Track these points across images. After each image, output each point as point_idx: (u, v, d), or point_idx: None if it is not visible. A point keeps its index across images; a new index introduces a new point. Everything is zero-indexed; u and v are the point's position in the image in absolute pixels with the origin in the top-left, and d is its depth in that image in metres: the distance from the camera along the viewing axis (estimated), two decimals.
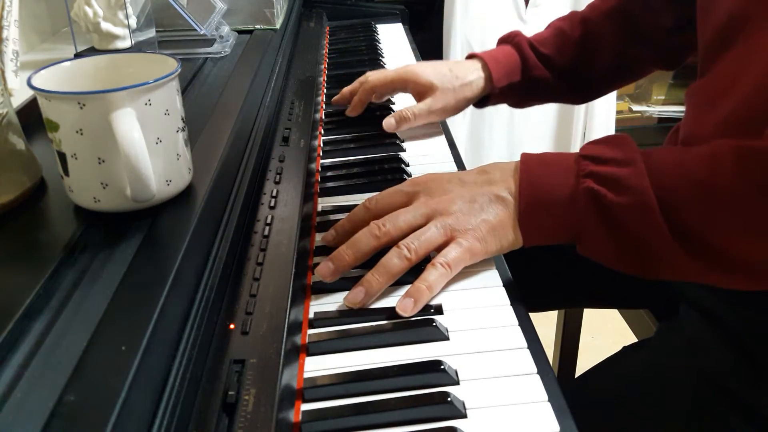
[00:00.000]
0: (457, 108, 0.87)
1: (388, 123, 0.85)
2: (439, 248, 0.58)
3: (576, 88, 0.91)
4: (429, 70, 0.87)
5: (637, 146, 0.57)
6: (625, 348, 0.72)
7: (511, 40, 0.90)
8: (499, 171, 0.61)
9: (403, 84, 0.88)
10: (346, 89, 0.93)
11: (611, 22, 0.88)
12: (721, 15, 0.64)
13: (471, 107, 0.90)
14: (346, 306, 0.56)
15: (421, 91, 0.86)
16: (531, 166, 0.59)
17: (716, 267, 0.54)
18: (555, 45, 0.89)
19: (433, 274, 0.56)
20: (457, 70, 0.87)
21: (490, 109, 1.90)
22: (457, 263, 0.57)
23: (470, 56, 0.90)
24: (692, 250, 0.54)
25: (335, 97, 0.95)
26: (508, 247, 0.59)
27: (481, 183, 0.60)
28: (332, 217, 0.69)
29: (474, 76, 0.86)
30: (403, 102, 0.93)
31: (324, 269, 0.58)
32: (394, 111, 0.88)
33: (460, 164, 0.82)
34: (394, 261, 0.56)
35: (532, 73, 0.88)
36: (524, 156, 0.60)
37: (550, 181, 0.57)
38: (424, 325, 0.52)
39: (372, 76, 0.89)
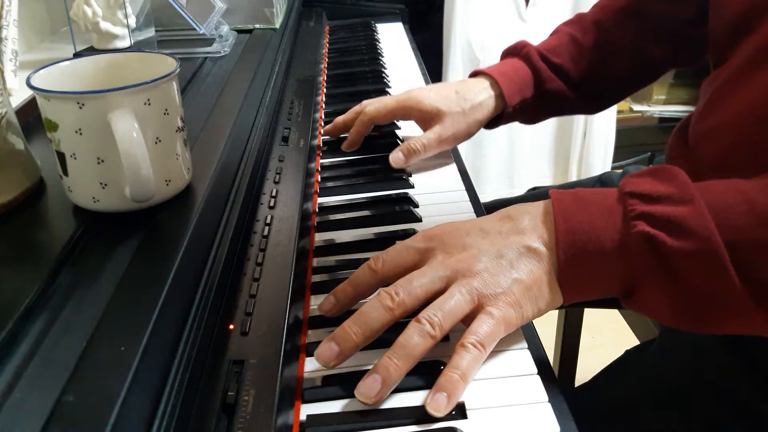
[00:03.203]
0: (469, 133, 0.80)
1: (396, 158, 0.77)
2: (466, 318, 0.48)
3: (592, 97, 0.84)
4: (433, 95, 0.79)
5: (688, 178, 0.48)
6: (627, 352, 0.72)
7: (518, 52, 0.83)
8: (527, 216, 0.51)
9: (405, 112, 0.80)
10: (340, 119, 0.85)
11: (625, 21, 0.81)
12: (737, 4, 0.60)
13: None
14: (359, 400, 0.45)
15: (427, 118, 0.79)
16: (566, 207, 0.50)
17: None
18: (568, 53, 0.82)
19: (465, 359, 0.45)
20: (464, 91, 0.79)
21: None
22: (491, 340, 0.47)
23: (475, 73, 0.82)
24: (766, 301, 0.45)
25: (327, 127, 0.87)
26: (546, 309, 0.50)
27: (506, 233, 0.51)
28: (332, 216, 0.69)
29: (484, 95, 0.79)
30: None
31: (326, 352, 0.47)
32: (397, 132, 0.84)
33: (458, 160, 0.82)
34: (415, 339, 0.45)
35: (545, 86, 0.81)
36: (555, 195, 0.51)
37: (593, 226, 0.48)
38: None
39: (370, 106, 0.81)
